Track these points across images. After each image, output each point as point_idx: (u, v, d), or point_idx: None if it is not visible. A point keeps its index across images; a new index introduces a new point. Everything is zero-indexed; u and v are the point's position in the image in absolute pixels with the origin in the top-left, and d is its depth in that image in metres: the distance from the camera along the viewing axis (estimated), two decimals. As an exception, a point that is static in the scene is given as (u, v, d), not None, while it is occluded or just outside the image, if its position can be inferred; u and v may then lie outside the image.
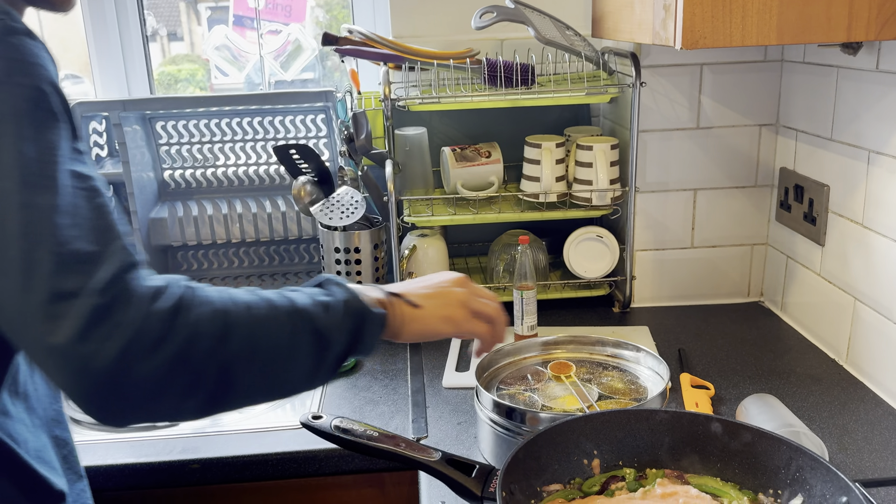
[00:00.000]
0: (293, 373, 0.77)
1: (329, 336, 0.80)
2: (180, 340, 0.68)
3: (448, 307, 0.95)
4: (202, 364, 0.70)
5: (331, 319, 0.80)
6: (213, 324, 0.71)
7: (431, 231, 1.81)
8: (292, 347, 0.76)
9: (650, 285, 1.85)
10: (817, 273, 1.60)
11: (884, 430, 1.28)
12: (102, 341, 0.64)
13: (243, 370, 0.73)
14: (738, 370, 1.51)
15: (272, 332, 0.75)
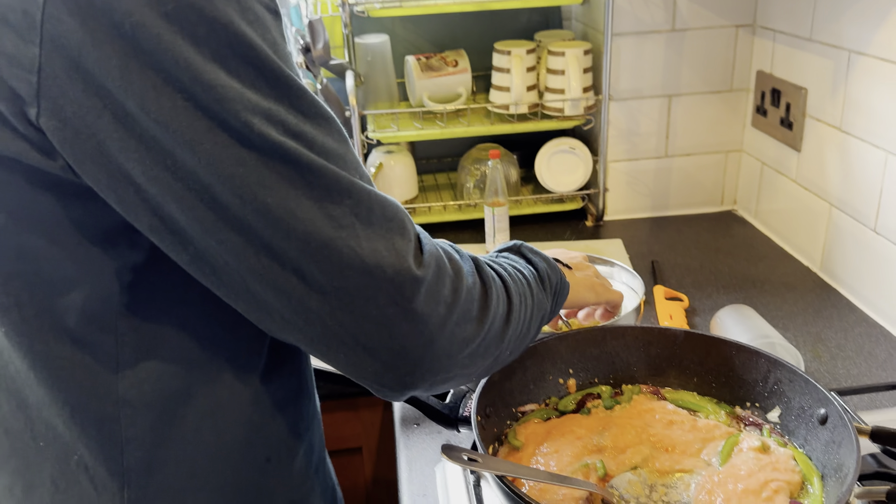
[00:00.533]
0: (528, 342, 0.82)
1: (547, 312, 0.85)
2: (490, 317, 0.70)
3: (588, 276, 0.98)
4: (495, 340, 0.72)
5: (547, 294, 0.84)
6: (503, 302, 0.73)
7: (398, 147, 1.74)
8: (533, 322, 0.80)
9: (623, 197, 1.81)
10: (793, 179, 1.57)
11: (857, 336, 1.28)
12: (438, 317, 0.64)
13: (508, 345, 0.76)
14: (712, 281, 1.50)
15: (529, 308, 0.78)
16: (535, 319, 0.81)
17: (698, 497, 0.80)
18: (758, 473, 0.81)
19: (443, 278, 0.65)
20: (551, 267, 0.86)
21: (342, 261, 0.59)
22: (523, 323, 0.77)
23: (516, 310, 0.75)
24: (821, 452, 0.82)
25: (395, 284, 0.61)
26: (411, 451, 1.05)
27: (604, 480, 0.82)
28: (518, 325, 0.76)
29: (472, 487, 0.94)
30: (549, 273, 0.85)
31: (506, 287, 0.74)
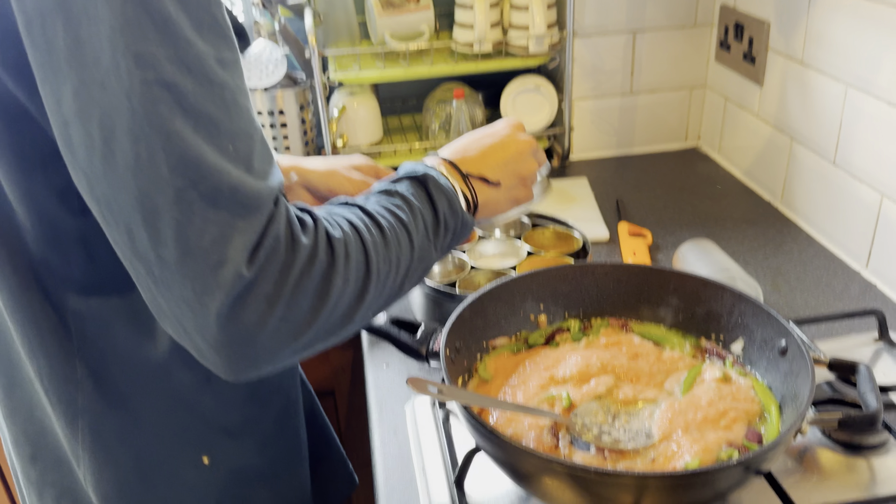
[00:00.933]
0: (399, 298, 0.75)
1: (434, 259, 0.78)
2: (329, 308, 0.64)
3: (519, 186, 0.87)
4: (339, 323, 0.66)
5: (438, 242, 0.77)
6: (356, 282, 0.66)
7: (360, 89, 1.70)
8: (407, 280, 0.74)
9: (589, 136, 1.81)
10: (755, 114, 1.58)
11: (815, 268, 1.31)
12: (254, 315, 0.59)
13: (366, 314, 0.70)
14: (675, 217, 1.51)
15: (399, 271, 0.72)
16: (411, 275, 0.74)
17: (659, 425, 0.82)
18: (718, 403, 0.84)
19: (273, 272, 0.59)
20: (454, 214, 0.78)
21: (168, 234, 0.57)
22: (388, 287, 0.71)
23: (376, 283, 0.68)
24: (780, 382, 0.85)
25: (215, 275, 0.57)
26: (381, 391, 1.06)
27: (568, 410, 0.84)
28: (378, 293, 0.69)
29: (441, 423, 0.96)
30: (447, 219, 0.77)
31: (367, 258, 0.67)
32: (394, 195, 0.75)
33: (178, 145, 0.56)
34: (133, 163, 0.56)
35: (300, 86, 1.60)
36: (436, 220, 0.76)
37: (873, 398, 0.78)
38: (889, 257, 1.22)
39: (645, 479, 0.70)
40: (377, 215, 0.71)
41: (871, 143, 1.23)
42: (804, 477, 0.87)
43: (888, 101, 1.18)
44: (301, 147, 1.61)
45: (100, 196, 0.58)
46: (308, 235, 0.63)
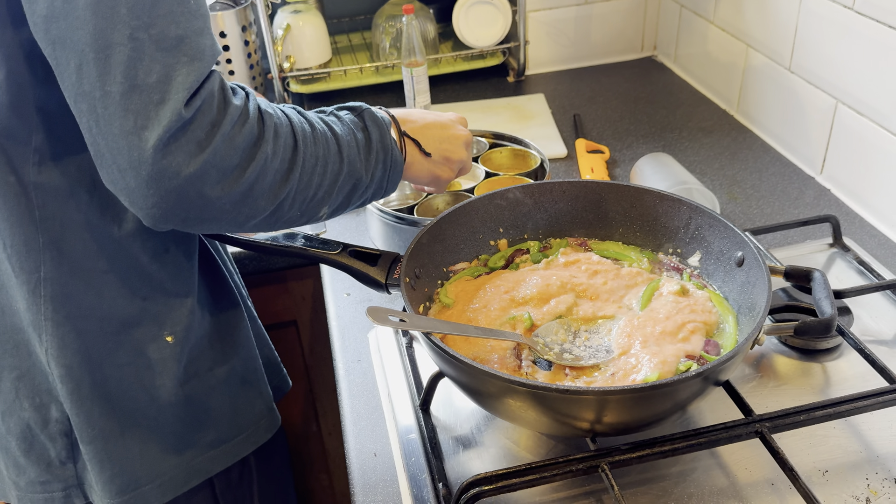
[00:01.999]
0: (327, 208, 0.79)
1: (364, 183, 0.82)
2: (255, 172, 0.69)
3: (444, 165, 0.93)
4: (264, 197, 0.71)
5: (368, 166, 0.82)
6: (283, 160, 0.71)
7: (305, 6, 1.63)
8: (335, 188, 0.78)
9: (544, 49, 1.77)
10: (711, 21, 1.55)
11: (771, 176, 1.32)
12: (185, 156, 0.64)
13: (291, 204, 0.74)
14: (631, 130, 1.50)
15: (326, 172, 0.76)
16: (340, 185, 0.78)
17: (618, 340, 0.83)
18: (675, 316, 0.84)
19: (209, 120, 0.65)
20: (384, 148, 0.83)
21: (117, 70, 0.62)
22: (314, 184, 0.75)
23: (299, 172, 0.73)
24: (737, 293, 0.86)
25: (157, 109, 0.63)
26: (343, 320, 1.05)
27: (530, 331, 0.85)
28: (300, 187, 0.73)
29: (404, 349, 0.96)
30: (379, 148, 0.82)
31: (295, 146, 0.72)
32: (329, 114, 0.82)
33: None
34: (94, 1, 0.61)
35: (241, 5, 1.52)
36: (368, 144, 0.81)
37: (828, 304, 0.79)
38: (843, 162, 1.23)
39: (605, 394, 0.70)
40: (310, 117, 0.78)
41: (827, 48, 1.22)
42: (760, 383, 0.89)
43: (843, 3, 1.16)
44: (246, 71, 1.54)
45: (55, 36, 0.63)
46: (239, 100, 0.68)
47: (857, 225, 1.17)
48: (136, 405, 0.84)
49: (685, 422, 0.84)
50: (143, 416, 0.85)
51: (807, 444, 0.81)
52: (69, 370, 0.81)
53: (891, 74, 1.09)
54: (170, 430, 0.87)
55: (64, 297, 0.79)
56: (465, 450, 0.83)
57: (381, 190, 0.85)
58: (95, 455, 0.84)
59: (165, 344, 0.84)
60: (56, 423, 0.85)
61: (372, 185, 0.83)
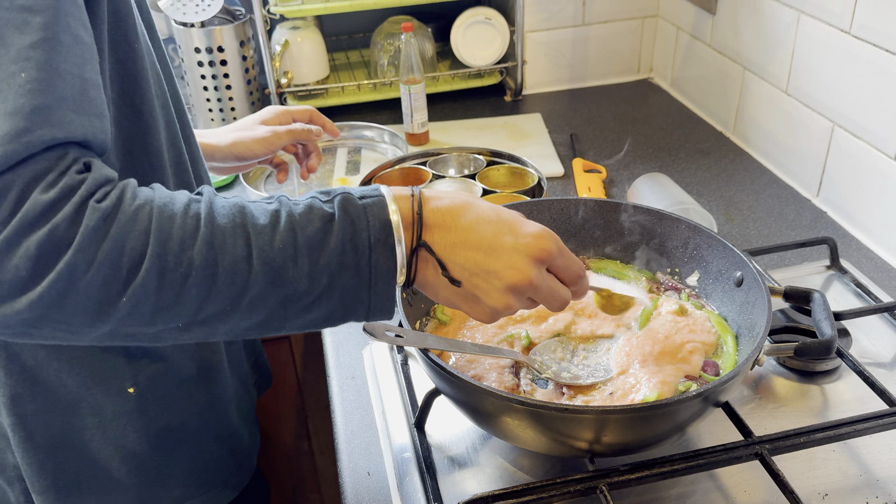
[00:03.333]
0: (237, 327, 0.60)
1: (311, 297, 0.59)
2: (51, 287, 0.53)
3: (474, 304, 0.65)
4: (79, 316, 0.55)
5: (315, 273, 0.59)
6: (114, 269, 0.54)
7: (304, 22, 1.63)
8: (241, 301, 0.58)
9: (542, 70, 1.77)
10: (707, 44, 1.56)
11: (767, 198, 1.32)
12: None
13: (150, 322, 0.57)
14: (629, 151, 1.50)
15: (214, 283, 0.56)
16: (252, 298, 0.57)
17: (617, 360, 0.82)
18: (674, 336, 0.84)
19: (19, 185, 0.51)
20: (356, 249, 0.59)
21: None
22: (192, 297, 0.56)
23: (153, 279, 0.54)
24: (736, 313, 0.85)
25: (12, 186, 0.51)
26: (337, 336, 1.04)
27: (528, 349, 0.84)
28: (168, 299, 0.55)
29: (399, 367, 0.95)
30: (345, 249, 0.59)
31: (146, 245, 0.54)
32: (275, 200, 0.61)
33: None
34: None
35: (239, 20, 1.52)
36: (321, 243, 0.58)
37: (828, 326, 0.78)
38: (840, 185, 1.23)
39: (605, 413, 0.69)
40: (215, 206, 0.58)
41: (824, 71, 1.22)
42: (759, 405, 0.88)
43: (840, 27, 1.17)
44: (243, 86, 1.54)
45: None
46: (58, 192, 0.52)
47: (853, 248, 1.17)
48: (96, 457, 0.79)
49: (684, 443, 0.83)
50: (104, 469, 0.80)
51: (806, 468, 0.80)
52: (22, 419, 0.76)
53: (887, 98, 1.09)
54: (131, 483, 0.82)
55: (19, 348, 0.74)
56: (461, 469, 0.82)
57: (365, 309, 0.61)
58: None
59: (129, 396, 0.79)
60: (13, 468, 0.80)
61: (330, 301, 0.60)
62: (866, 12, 1.11)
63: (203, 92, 1.52)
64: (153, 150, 0.74)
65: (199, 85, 1.52)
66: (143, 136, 0.72)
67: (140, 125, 0.72)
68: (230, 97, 1.53)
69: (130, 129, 0.71)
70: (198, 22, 1.46)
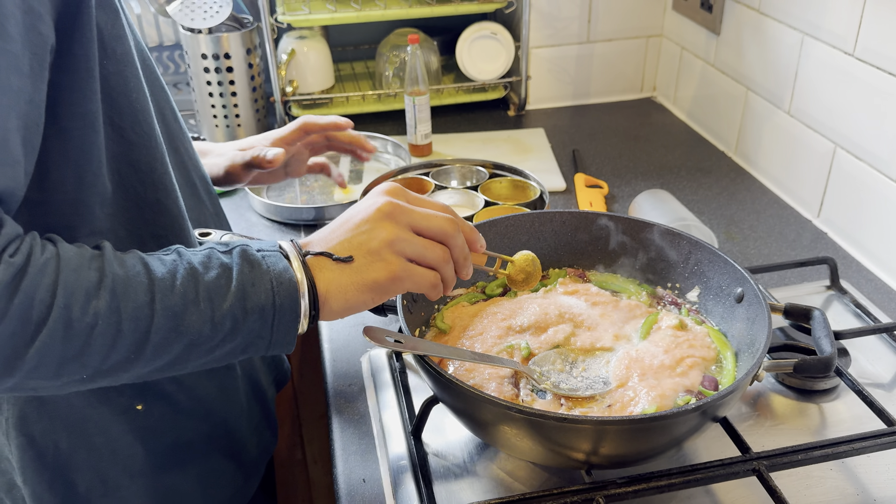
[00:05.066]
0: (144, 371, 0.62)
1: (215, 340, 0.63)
2: None
3: (377, 261, 0.68)
4: None
5: (217, 317, 0.62)
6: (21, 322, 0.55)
7: (311, 32, 1.64)
8: (145, 348, 0.60)
9: (545, 85, 1.78)
10: (711, 64, 1.57)
11: (768, 217, 1.32)
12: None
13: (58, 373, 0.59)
14: (630, 167, 1.51)
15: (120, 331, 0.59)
16: (155, 344, 0.60)
17: (616, 372, 0.82)
18: (674, 350, 0.83)
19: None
20: (258, 291, 0.63)
21: None
22: (98, 347, 0.58)
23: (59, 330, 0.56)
24: (736, 329, 0.85)
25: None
26: (335, 343, 1.04)
27: (528, 360, 0.83)
28: (75, 349, 0.57)
29: (398, 374, 0.95)
30: (247, 292, 0.63)
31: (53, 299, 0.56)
32: (173, 251, 0.64)
33: None
34: None
35: (246, 28, 1.53)
36: (223, 287, 0.62)
37: (828, 343, 0.78)
38: (841, 207, 1.23)
39: (603, 423, 0.69)
40: (123, 260, 0.61)
41: (826, 92, 1.23)
42: (757, 422, 0.88)
43: (844, 49, 1.18)
44: (249, 93, 1.55)
45: None
46: None
47: (853, 269, 1.17)
48: (105, 476, 0.79)
49: (681, 458, 0.83)
50: (113, 488, 0.80)
51: (803, 486, 0.80)
52: (31, 440, 0.76)
53: (889, 120, 1.10)
54: (140, 502, 0.82)
55: None
56: (457, 479, 0.82)
57: (266, 345, 0.65)
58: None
59: (136, 414, 0.79)
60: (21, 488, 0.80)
61: (233, 343, 0.63)
62: (870, 35, 1.12)
63: (208, 98, 1.53)
64: (141, 168, 0.71)
65: (205, 91, 1.53)
66: (127, 154, 0.70)
67: (123, 143, 0.69)
68: (235, 104, 1.54)
69: (114, 147, 0.69)
70: (205, 28, 1.47)
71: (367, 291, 0.68)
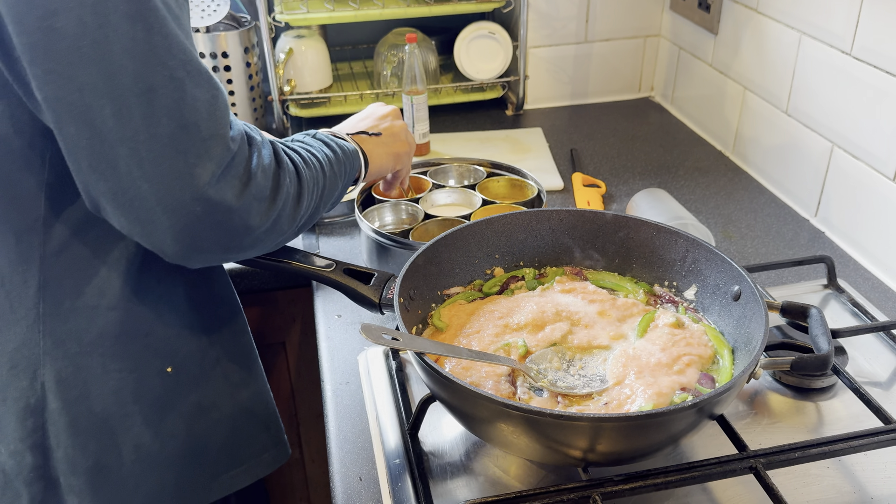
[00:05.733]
0: (325, 207, 0.87)
1: (340, 188, 0.90)
2: (283, 198, 0.73)
3: (395, 141, 1.05)
4: (287, 220, 0.75)
5: (342, 173, 0.90)
6: (295, 185, 0.76)
7: (309, 31, 1.64)
8: (329, 200, 0.87)
9: (543, 85, 1.78)
10: (709, 64, 1.57)
11: (766, 216, 1.32)
12: (232, 191, 0.67)
13: (305, 223, 0.81)
14: (628, 167, 1.51)
15: (322, 189, 0.83)
16: (328, 196, 0.86)
17: (613, 370, 0.82)
18: (671, 348, 0.83)
19: (245, 154, 0.68)
20: (346, 155, 0.91)
21: (163, 111, 0.63)
22: (313, 203, 0.81)
23: (307, 192, 0.78)
24: (733, 327, 0.85)
25: (207, 146, 0.64)
26: (333, 342, 1.04)
27: (524, 358, 0.83)
28: (308, 205, 0.79)
29: (394, 373, 0.94)
30: (343, 158, 0.90)
31: (297, 171, 0.77)
32: (294, 141, 0.87)
33: (166, 28, 0.62)
34: (130, 44, 0.61)
35: (244, 27, 1.53)
36: (337, 156, 0.89)
37: (825, 341, 0.78)
38: (838, 205, 1.23)
39: (600, 421, 0.69)
40: (291, 144, 0.84)
41: (824, 92, 1.23)
42: (755, 420, 0.88)
43: (841, 48, 1.18)
44: (246, 92, 1.55)
45: (83, 82, 0.61)
46: (255, 132, 0.73)
47: (850, 268, 1.17)
48: (139, 440, 0.82)
49: (678, 456, 0.83)
50: (146, 452, 0.83)
51: (800, 483, 0.80)
52: (66, 404, 0.78)
53: (887, 119, 1.10)
54: (169, 463, 0.85)
55: (65, 334, 0.77)
56: (453, 477, 0.82)
57: (347, 187, 0.94)
58: (88, 486, 0.80)
59: (167, 376, 0.83)
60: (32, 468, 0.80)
61: (344, 187, 0.92)
62: (867, 34, 1.12)
63: (206, 97, 1.53)
64: None
65: (203, 90, 1.52)
66: None
67: None
68: (233, 103, 1.54)
69: None
70: (203, 27, 1.47)
71: (391, 158, 1.05)
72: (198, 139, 0.64)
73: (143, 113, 0.62)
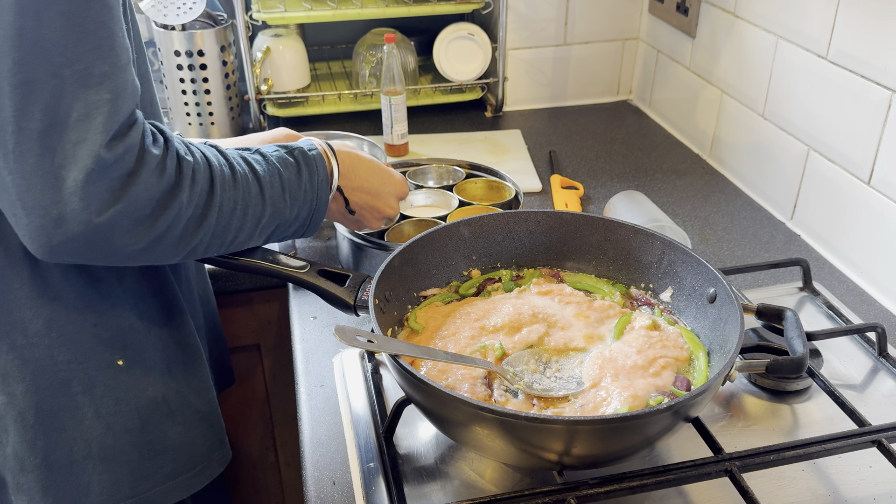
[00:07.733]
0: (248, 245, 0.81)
1: (288, 223, 0.83)
2: (167, 222, 0.69)
3: (359, 223, 0.98)
4: (175, 244, 0.71)
5: (294, 206, 0.82)
6: (197, 207, 0.71)
7: (286, 31, 1.63)
8: (256, 230, 0.80)
9: (523, 87, 1.78)
10: (686, 67, 1.58)
11: (742, 219, 1.33)
12: (98, 203, 0.63)
13: (206, 248, 0.75)
14: (606, 169, 1.51)
15: (246, 216, 0.77)
16: (262, 227, 0.80)
17: (589, 373, 0.82)
18: (647, 350, 0.83)
19: (127, 169, 0.65)
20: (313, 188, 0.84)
21: (37, 106, 0.61)
22: (233, 228, 0.76)
23: (217, 215, 0.73)
24: (708, 330, 0.85)
25: (75, 150, 0.62)
26: (308, 344, 1.02)
27: (501, 360, 0.83)
28: (220, 230, 0.74)
29: (369, 375, 0.93)
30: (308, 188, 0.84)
31: (211, 193, 0.72)
32: (254, 152, 0.81)
33: (59, 24, 0.60)
34: (14, 33, 0.59)
35: (221, 25, 1.51)
36: (297, 183, 0.82)
37: (800, 343, 0.78)
38: (813, 209, 1.24)
39: (575, 423, 0.68)
40: (231, 158, 0.77)
41: (800, 96, 1.24)
42: (730, 423, 0.88)
43: (818, 52, 1.18)
44: (223, 91, 1.53)
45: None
46: (158, 148, 0.68)
47: (826, 271, 1.18)
48: (91, 434, 0.81)
49: (654, 459, 0.82)
50: (99, 446, 0.81)
51: (775, 486, 0.80)
52: (12, 398, 0.77)
53: (862, 123, 1.11)
54: (123, 461, 0.83)
55: (9, 326, 0.76)
56: (428, 481, 0.81)
57: (303, 229, 0.86)
58: (38, 484, 0.79)
59: (118, 369, 0.81)
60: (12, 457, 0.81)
61: (295, 224, 0.84)
62: (843, 39, 1.13)
63: (182, 96, 1.51)
64: None
65: (178, 89, 1.50)
66: None
67: None
68: (209, 101, 1.52)
69: None
70: (179, 25, 1.45)
71: (339, 221, 0.99)
72: (66, 142, 0.61)
73: (16, 104, 0.60)
